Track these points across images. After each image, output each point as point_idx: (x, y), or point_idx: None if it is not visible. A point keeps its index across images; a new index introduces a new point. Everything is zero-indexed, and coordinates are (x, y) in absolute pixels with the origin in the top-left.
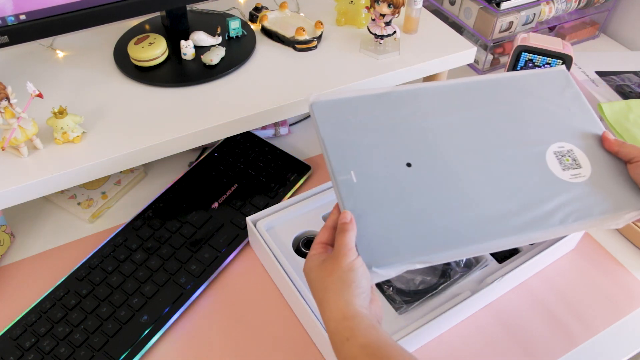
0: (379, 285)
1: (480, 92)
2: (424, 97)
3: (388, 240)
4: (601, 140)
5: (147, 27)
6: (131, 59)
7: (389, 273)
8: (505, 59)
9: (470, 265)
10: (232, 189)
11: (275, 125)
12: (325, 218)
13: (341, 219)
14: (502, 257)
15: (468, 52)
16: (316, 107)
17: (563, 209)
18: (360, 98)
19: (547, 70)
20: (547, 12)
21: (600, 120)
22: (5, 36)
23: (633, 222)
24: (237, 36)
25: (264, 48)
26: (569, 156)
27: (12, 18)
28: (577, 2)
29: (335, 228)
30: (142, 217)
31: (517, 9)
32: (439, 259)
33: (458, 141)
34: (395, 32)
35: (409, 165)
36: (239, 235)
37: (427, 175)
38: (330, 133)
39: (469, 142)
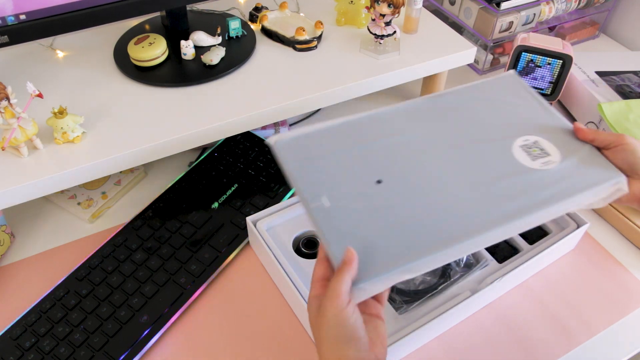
0: None
1: (439, 106)
2: (385, 119)
3: (369, 254)
4: (574, 132)
5: (147, 27)
6: (131, 59)
7: (375, 287)
8: (505, 59)
9: (470, 265)
10: (232, 189)
11: (275, 125)
12: None
13: (345, 259)
14: (502, 257)
15: (468, 52)
16: (279, 145)
17: (541, 193)
18: (321, 130)
19: (499, 77)
20: (547, 12)
21: (600, 120)
22: (5, 36)
23: (633, 222)
24: (237, 36)
25: (264, 48)
26: (536, 147)
27: (12, 18)
28: (577, 2)
29: (328, 260)
30: (142, 217)
31: (517, 9)
32: (426, 265)
33: (424, 151)
34: (395, 32)
35: (379, 182)
36: (239, 235)
37: (400, 188)
38: (295, 166)
39: (435, 150)
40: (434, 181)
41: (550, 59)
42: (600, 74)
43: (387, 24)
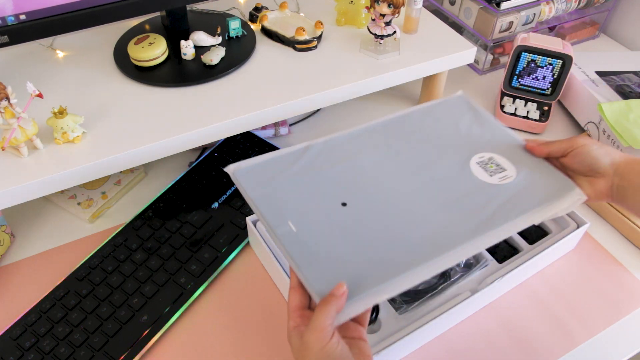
0: None
1: (394, 128)
2: (341, 143)
3: (343, 277)
4: (527, 151)
5: (147, 27)
6: (131, 59)
7: (352, 309)
8: (505, 59)
9: (470, 265)
10: (232, 189)
11: (275, 125)
12: None
13: (332, 293)
14: (502, 257)
15: (468, 52)
16: (239, 174)
17: (504, 207)
18: (279, 157)
19: (448, 98)
20: (547, 12)
21: (600, 121)
22: (5, 36)
23: (633, 222)
24: (237, 36)
25: (264, 48)
26: (492, 162)
27: (12, 18)
28: (577, 2)
29: (302, 286)
30: (142, 217)
31: (517, 9)
32: (400, 284)
33: (385, 173)
34: (395, 32)
35: (344, 204)
36: (239, 235)
37: (366, 210)
38: (258, 193)
39: (395, 173)
40: (399, 202)
41: (550, 59)
42: (600, 74)
43: (387, 24)
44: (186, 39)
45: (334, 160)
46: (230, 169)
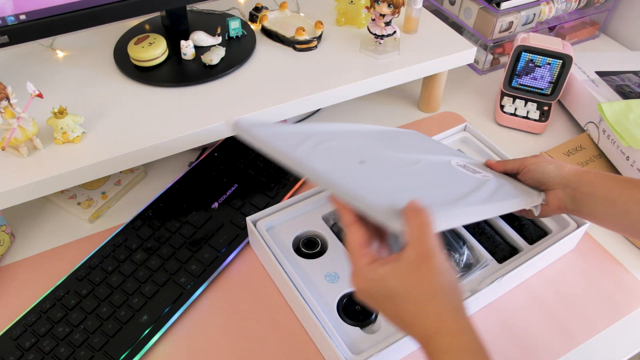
0: None
1: (374, 135)
2: (340, 130)
3: (402, 199)
4: (488, 167)
5: (147, 27)
6: (131, 59)
7: (444, 222)
8: (505, 59)
9: (470, 265)
10: (232, 189)
11: None
12: (325, 218)
13: (414, 205)
14: (502, 257)
15: (468, 52)
16: (243, 123)
17: (499, 190)
18: (282, 125)
19: (406, 130)
20: (547, 12)
21: (600, 121)
22: (5, 36)
23: None
24: (237, 36)
25: (264, 48)
26: (468, 167)
27: (12, 18)
28: (577, 2)
29: (361, 220)
30: (142, 217)
31: (517, 9)
32: (465, 214)
33: (389, 155)
34: (395, 32)
35: (362, 162)
36: (239, 235)
37: (382, 167)
38: (268, 133)
39: (397, 155)
40: (410, 172)
41: (550, 59)
42: (600, 74)
43: (387, 24)
44: (186, 39)
45: (339, 138)
46: (232, 119)
